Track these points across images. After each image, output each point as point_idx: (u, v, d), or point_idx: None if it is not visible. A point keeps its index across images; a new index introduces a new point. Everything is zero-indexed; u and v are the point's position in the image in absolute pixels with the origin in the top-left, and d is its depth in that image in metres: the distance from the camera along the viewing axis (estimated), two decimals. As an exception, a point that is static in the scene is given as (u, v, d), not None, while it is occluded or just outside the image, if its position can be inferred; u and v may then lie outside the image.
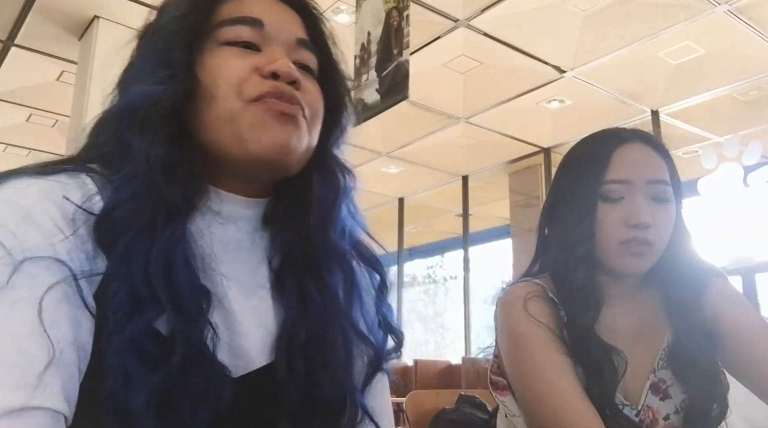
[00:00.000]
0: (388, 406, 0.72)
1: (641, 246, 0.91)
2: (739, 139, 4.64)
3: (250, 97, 0.60)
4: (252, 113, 0.60)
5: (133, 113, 0.58)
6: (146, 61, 0.63)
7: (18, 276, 0.48)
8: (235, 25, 0.63)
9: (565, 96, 4.98)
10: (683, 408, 0.93)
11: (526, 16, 3.96)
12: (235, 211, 0.64)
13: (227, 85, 0.60)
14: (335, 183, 0.69)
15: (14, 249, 0.49)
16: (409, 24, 2.85)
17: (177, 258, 0.55)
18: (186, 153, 0.59)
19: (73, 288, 0.51)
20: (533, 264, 1.05)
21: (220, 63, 0.61)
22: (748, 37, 4.04)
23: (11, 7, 3.86)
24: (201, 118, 0.60)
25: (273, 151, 0.60)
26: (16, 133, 5.45)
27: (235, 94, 0.60)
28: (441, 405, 1.72)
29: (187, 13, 0.63)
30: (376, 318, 0.71)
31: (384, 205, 7.60)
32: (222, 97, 0.60)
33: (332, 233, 0.68)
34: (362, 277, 0.71)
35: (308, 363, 0.62)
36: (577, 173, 0.98)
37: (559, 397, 0.85)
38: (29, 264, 0.49)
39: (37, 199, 0.52)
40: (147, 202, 0.55)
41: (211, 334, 0.55)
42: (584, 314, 0.91)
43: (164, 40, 0.62)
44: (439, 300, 9.74)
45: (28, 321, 0.47)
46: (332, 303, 0.66)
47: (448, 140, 5.86)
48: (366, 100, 3.01)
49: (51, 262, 0.50)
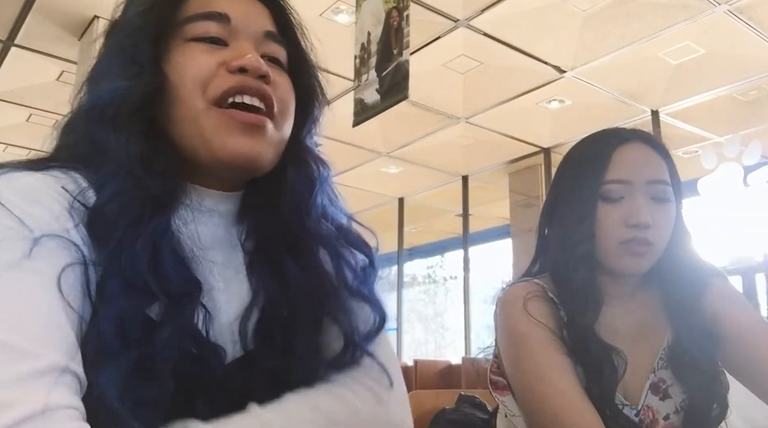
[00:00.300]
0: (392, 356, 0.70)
1: (641, 246, 0.92)
2: (739, 139, 4.64)
3: (216, 95, 0.60)
4: (215, 117, 0.60)
5: (102, 110, 0.58)
6: (113, 58, 0.63)
7: (38, 249, 0.49)
8: (202, 20, 0.62)
9: (565, 96, 4.97)
10: (683, 408, 0.93)
11: (526, 16, 3.96)
12: (212, 205, 0.64)
13: (192, 83, 0.60)
14: (309, 174, 0.69)
15: (33, 225, 0.50)
16: (409, 24, 2.85)
17: (164, 249, 0.55)
18: (161, 149, 0.59)
19: (83, 274, 0.51)
20: (533, 264, 1.05)
21: (187, 60, 0.61)
22: (748, 37, 4.04)
23: (11, 7, 3.86)
24: (169, 116, 0.61)
25: (239, 159, 0.61)
26: (16, 133, 5.45)
27: (201, 93, 0.60)
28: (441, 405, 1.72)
29: (152, 8, 0.62)
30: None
31: (384, 205, 7.60)
32: (187, 95, 0.60)
33: (309, 221, 0.67)
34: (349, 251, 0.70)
35: (285, 331, 0.62)
36: (577, 173, 0.98)
37: (559, 397, 0.85)
38: (48, 240, 0.50)
39: (42, 186, 0.53)
40: (132, 197, 0.55)
41: (203, 316, 0.56)
42: (584, 314, 0.91)
43: (129, 35, 0.62)
44: (439, 300, 9.74)
45: (52, 293, 0.48)
46: (310, 273, 0.65)
47: (448, 140, 5.86)
48: (366, 100, 3.01)
49: (66, 243, 0.51)
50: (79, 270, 0.51)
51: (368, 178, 6.68)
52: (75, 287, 0.50)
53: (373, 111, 2.96)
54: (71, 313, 0.49)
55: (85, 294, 0.51)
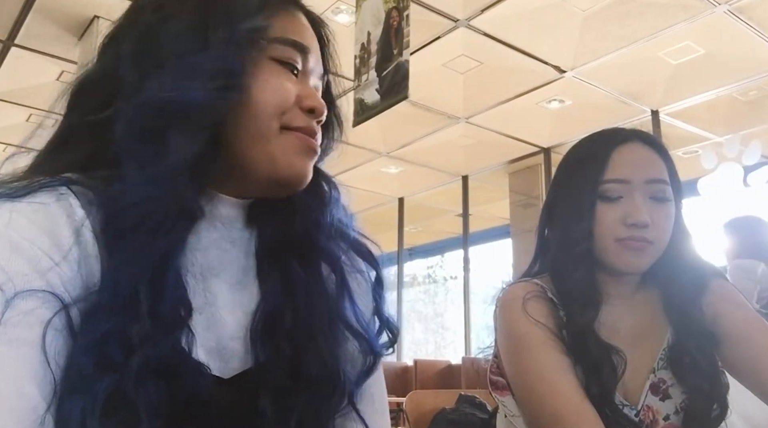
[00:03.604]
0: (385, 403, 0.71)
1: (638, 241, 0.92)
2: (739, 139, 4.65)
3: (291, 126, 0.61)
4: (286, 139, 0.61)
5: (176, 110, 0.55)
6: (189, 56, 0.57)
7: (12, 312, 0.46)
8: (290, 46, 0.62)
9: (565, 96, 4.98)
10: (683, 409, 0.93)
11: (526, 16, 3.96)
12: (225, 211, 0.64)
13: (275, 107, 0.60)
14: (319, 192, 0.69)
15: (5, 283, 0.46)
16: (409, 24, 2.85)
17: (171, 267, 0.54)
18: (215, 158, 0.58)
19: (67, 321, 0.48)
20: (533, 264, 1.05)
21: (273, 81, 0.60)
22: (748, 37, 4.04)
23: (11, 7, 3.86)
24: (237, 129, 0.59)
25: (297, 178, 0.62)
26: (16, 133, 5.45)
27: (277, 118, 0.61)
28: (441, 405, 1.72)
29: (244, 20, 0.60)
30: (372, 316, 0.71)
31: (384, 205, 7.60)
32: (267, 115, 0.60)
33: (317, 233, 0.68)
34: (355, 276, 0.71)
35: (293, 343, 0.62)
36: (577, 173, 0.98)
37: (558, 397, 0.85)
38: (23, 300, 0.46)
39: (22, 227, 0.49)
40: (160, 206, 0.53)
41: (187, 337, 0.55)
42: (583, 313, 0.91)
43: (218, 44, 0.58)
44: (439, 300, 9.74)
45: (28, 363, 0.45)
46: (319, 287, 0.66)
47: (448, 140, 5.86)
48: (366, 100, 3.01)
49: (45, 296, 0.48)
50: (62, 320, 0.48)
51: (368, 178, 6.68)
52: (58, 342, 0.47)
53: (373, 111, 2.97)
54: (45, 379, 0.46)
55: (72, 338, 0.49)
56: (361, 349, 0.67)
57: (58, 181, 0.54)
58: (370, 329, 0.69)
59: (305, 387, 0.61)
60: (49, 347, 0.46)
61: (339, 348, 0.65)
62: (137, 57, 0.58)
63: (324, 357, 0.63)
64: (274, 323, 0.62)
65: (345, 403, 0.65)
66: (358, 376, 0.67)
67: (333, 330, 0.65)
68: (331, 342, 0.64)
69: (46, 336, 0.46)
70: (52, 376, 0.46)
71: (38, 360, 0.46)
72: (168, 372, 0.51)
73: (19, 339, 0.45)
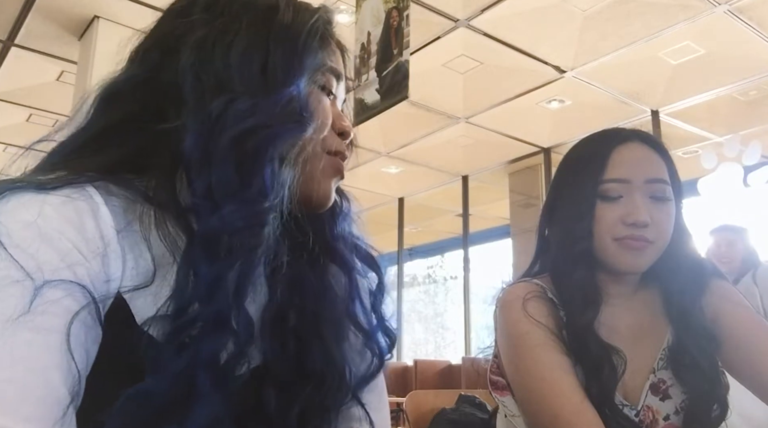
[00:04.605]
0: (384, 405, 0.72)
1: (638, 240, 0.92)
2: (739, 139, 4.65)
3: (330, 149, 0.66)
4: (327, 162, 0.65)
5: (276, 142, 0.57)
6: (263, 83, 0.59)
7: (40, 301, 0.46)
8: (331, 74, 0.66)
9: (565, 96, 4.98)
10: (683, 409, 0.93)
11: (526, 16, 3.96)
12: None
13: (322, 130, 0.64)
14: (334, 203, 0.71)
15: (34, 272, 0.46)
16: (409, 24, 2.85)
17: (248, 285, 0.56)
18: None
19: (93, 315, 0.49)
20: (533, 264, 1.05)
21: (324, 109, 0.64)
22: (748, 37, 4.05)
23: (11, 7, 3.86)
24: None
25: (325, 200, 0.66)
26: (16, 133, 5.46)
27: (320, 141, 0.64)
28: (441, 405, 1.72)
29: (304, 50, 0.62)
30: (374, 319, 0.72)
31: (384, 205, 7.60)
32: (315, 139, 0.63)
33: (328, 237, 0.70)
34: (361, 280, 0.72)
35: (300, 340, 0.63)
36: (576, 173, 0.98)
37: (558, 397, 0.85)
38: (52, 289, 0.47)
39: (52, 218, 0.50)
40: (259, 231, 0.56)
41: None
42: (583, 312, 0.91)
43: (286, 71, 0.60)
44: (439, 300, 9.75)
45: (55, 352, 0.45)
46: (328, 286, 0.68)
47: (448, 140, 5.87)
48: (366, 100, 3.01)
49: (73, 287, 0.48)
50: (89, 313, 0.49)
51: (368, 178, 6.68)
52: (84, 335, 0.48)
53: (373, 111, 2.97)
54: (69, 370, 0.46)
55: (98, 334, 0.50)
56: (369, 349, 0.69)
57: (84, 179, 0.54)
58: (374, 330, 0.71)
59: (310, 381, 0.63)
60: (75, 339, 0.47)
61: (346, 345, 0.67)
62: (197, 70, 0.58)
63: (330, 352, 0.64)
64: (282, 321, 0.63)
65: (349, 400, 0.66)
66: (365, 376, 0.68)
67: (340, 328, 0.67)
68: (338, 339, 0.66)
69: (73, 328, 0.47)
70: (76, 368, 0.46)
71: (64, 350, 0.46)
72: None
73: (46, 327, 0.45)
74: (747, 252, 3.14)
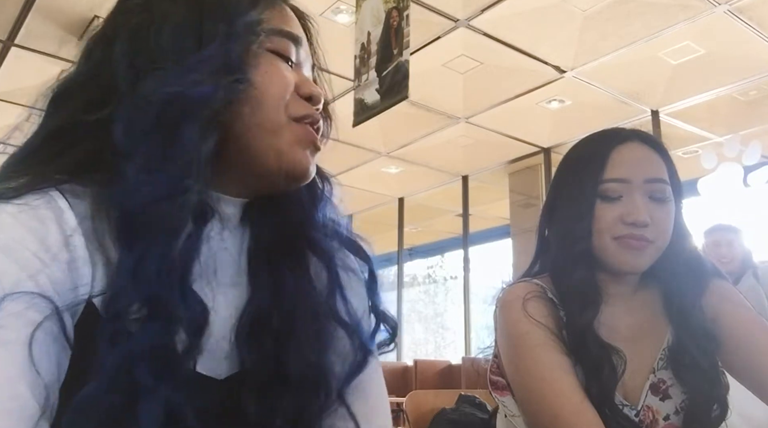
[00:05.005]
0: (383, 403, 0.69)
1: (637, 240, 0.92)
2: (739, 139, 4.65)
3: (297, 115, 0.62)
4: (293, 132, 0.61)
5: (185, 106, 0.54)
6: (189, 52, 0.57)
7: (2, 315, 0.45)
8: (285, 38, 0.63)
9: (565, 96, 4.98)
10: (683, 409, 0.93)
11: (526, 16, 3.96)
12: (223, 210, 0.63)
13: (279, 97, 0.60)
14: (313, 188, 0.69)
15: None
16: (409, 24, 2.85)
17: (190, 268, 0.53)
18: (220, 158, 0.58)
19: (58, 325, 0.47)
20: (533, 264, 1.05)
21: (274, 72, 0.61)
22: (748, 37, 4.04)
23: (11, 7, 3.86)
24: (244, 122, 0.59)
25: (302, 172, 0.63)
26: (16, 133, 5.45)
27: (282, 108, 0.61)
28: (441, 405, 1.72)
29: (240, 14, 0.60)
30: (366, 310, 0.70)
31: (384, 205, 7.60)
32: (272, 106, 0.60)
33: (309, 227, 0.68)
34: (348, 274, 0.70)
35: (277, 343, 0.61)
36: (576, 173, 0.98)
37: (558, 397, 0.85)
38: (12, 302, 0.45)
39: (10, 228, 0.48)
40: (176, 207, 0.52)
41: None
42: (582, 312, 0.91)
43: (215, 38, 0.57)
44: (439, 300, 9.75)
45: (19, 365, 0.44)
46: (306, 285, 0.65)
47: (448, 140, 5.86)
48: (366, 100, 3.01)
49: (35, 298, 0.47)
50: (53, 324, 0.47)
51: (368, 178, 6.68)
52: (49, 346, 0.47)
53: (373, 111, 2.96)
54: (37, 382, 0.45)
55: (64, 343, 0.48)
56: (351, 345, 0.66)
57: (48, 184, 0.53)
58: (362, 325, 0.68)
59: (289, 387, 0.60)
60: (41, 350, 0.46)
61: (326, 346, 0.64)
62: (131, 57, 0.57)
63: (308, 356, 0.62)
64: (260, 324, 0.61)
65: (333, 402, 0.63)
66: (348, 373, 0.65)
67: (319, 328, 0.64)
68: (317, 341, 0.63)
69: (37, 339, 0.45)
70: (44, 380, 0.45)
71: (29, 363, 0.45)
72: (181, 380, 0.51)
73: (10, 340, 0.44)
74: (744, 252, 3.15)
